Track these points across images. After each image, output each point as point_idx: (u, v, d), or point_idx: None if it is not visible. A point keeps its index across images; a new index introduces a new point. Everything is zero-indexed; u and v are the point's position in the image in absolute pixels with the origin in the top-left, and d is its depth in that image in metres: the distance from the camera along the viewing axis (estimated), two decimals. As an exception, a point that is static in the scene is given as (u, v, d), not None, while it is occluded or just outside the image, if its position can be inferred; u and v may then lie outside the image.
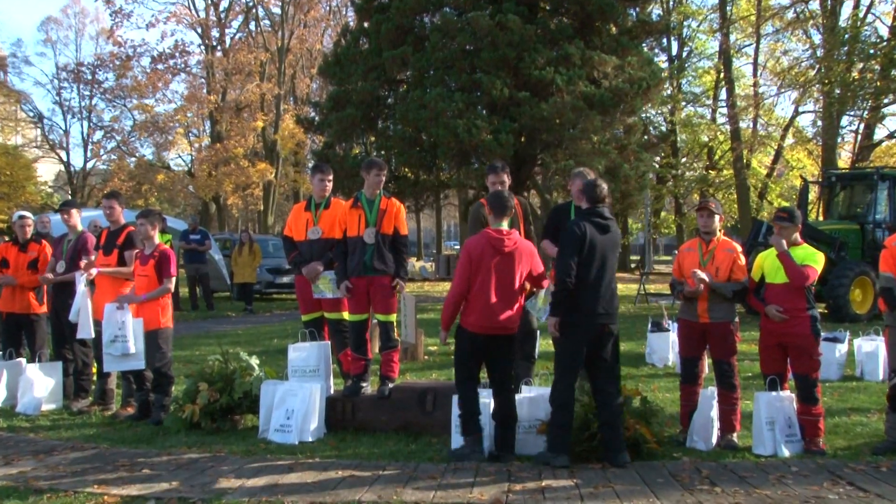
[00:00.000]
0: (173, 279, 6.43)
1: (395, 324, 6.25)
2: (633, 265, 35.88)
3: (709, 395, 5.47)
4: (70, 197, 37.47)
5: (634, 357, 9.39)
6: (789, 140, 30.89)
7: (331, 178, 6.51)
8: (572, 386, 4.91)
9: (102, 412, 6.77)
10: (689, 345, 5.61)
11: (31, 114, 39.55)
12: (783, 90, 24.68)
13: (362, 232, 5.98)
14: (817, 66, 21.11)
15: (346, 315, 6.26)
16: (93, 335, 6.63)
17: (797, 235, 5.49)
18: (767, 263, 5.53)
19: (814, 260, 5.38)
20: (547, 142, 17.85)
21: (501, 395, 5.12)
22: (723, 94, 31.98)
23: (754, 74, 31.03)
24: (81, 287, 6.59)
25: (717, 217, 5.56)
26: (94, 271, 6.67)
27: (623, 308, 16.22)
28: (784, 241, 5.40)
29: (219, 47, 35.28)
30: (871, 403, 6.74)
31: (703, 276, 5.38)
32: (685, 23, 31.76)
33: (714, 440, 5.41)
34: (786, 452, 5.17)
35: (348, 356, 6.24)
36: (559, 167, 16.01)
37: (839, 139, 26.01)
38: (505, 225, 5.14)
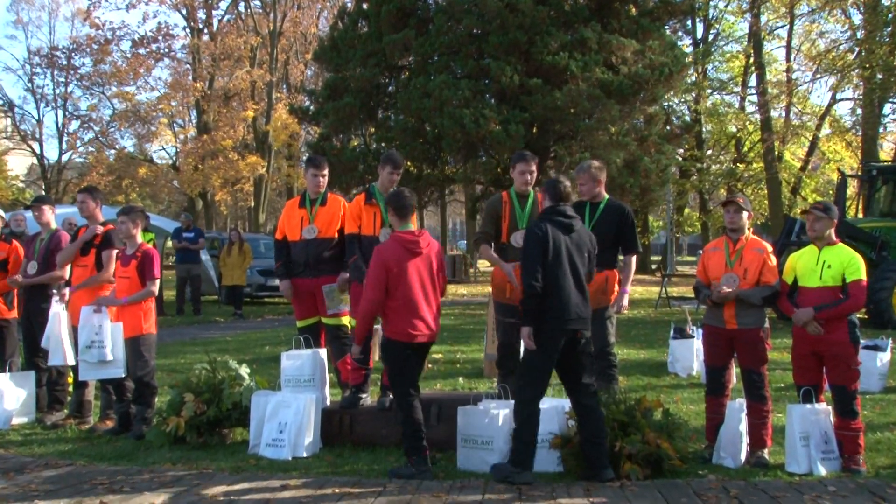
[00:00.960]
0: (157, 282, 6.45)
1: None
2: (653, 266, 35.78)
3: (737, 408, 5.46)
4: (44, 192, 37.65)
5: (656, 366, 9.38)
6: (825, 130, 30.84)
7: (325, 172, 6.48)
8: (538, 398, 4.95)
9: (79, 426, 6.78)
10: (716, 353, 5.61)
11: (1, 102, 39.75)
12: (819, 76, 24.67)
13: (377, 231, 6.02)
14: (857, 48, 21.08)
15: (346, 320, 6.27)
16: (69, 361, 6.65)
17: (832, 233, 5.47)
18: (801, 264, 5.51)
19: (856, 271, 5.28)
20: (560, 133, 17.88)
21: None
22: (752, 81, 31.94)
23: (787, 59, 31.00)
24: (55, 310, 6.59)
25: (745, 213, 5.55)
26: (66, 292, 6.71)
27: (643, 313, 16.20)
28: (810, 312, 5.26)
29: (205, 30, 35.40)
30: (914, 417, 6.72)
31: (727, 290, 5.37)
32: (711, 3, 31.71)
33: (743, 457, 5.40)
34: (822, 471, 5.15)
35: (347, 364, 6.25)
36: (574, 160, 16.02)
37: (881, 129, 25.97)
38: (412, 226, 5.28)
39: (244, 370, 6.32)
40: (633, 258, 6.00)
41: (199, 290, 16.63)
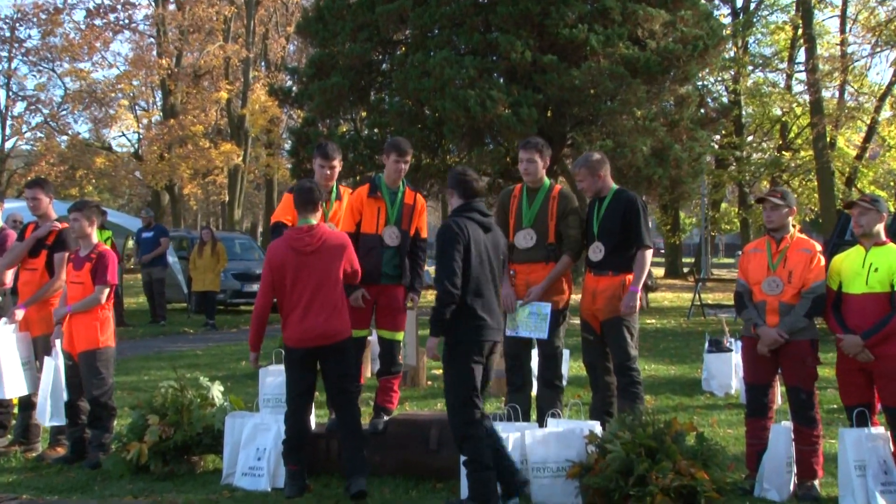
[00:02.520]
0: (109, 288, 6.42)
1: (402, 344, 6.28)
2: (685, 270, 35.78)
3: (782, 432, 5.47)
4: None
5: (688, 383, 9.39)
6: (886, 113, 30.77)
7: (335, 163, 6.29)
8: (473, 416, 4.98)
9: (25, 454, 6.79)
10: (757, 369, 5.62)
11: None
12: (879, 49, 24.63)
13: (381, 229, 6.04)
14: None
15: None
16: (28, 390, 6.66)
17: (881, 230, 5.46)
18: (846, 266, 5.49)
19: None
20: (579, 117, 17.87)
21: (340, 412, 5.45)
22: (801, 56, 31.93)
23: (842, 30, 30.95)
24: (3, 335, 6.58)
25: (784, 209, 5.55)
26: (18, 314, 6.72)
27: (674, 323, 16.21)
28: (857, 342, 5.24)
29: (171, -1, 35.47)
30: None
31: (772, 337, 5.38)
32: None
33: (790, 488, 5.41)
34: (881, 504, 5.16)
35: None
36: (594, 149, 15.99)
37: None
38: (313, 220, 5.38)
39: (217, 388, 6.33)
40: (644, 254, 5.99)
41: (162, 296, 16.70)
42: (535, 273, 6.10)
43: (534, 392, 6.49)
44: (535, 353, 6.52)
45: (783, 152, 32.18)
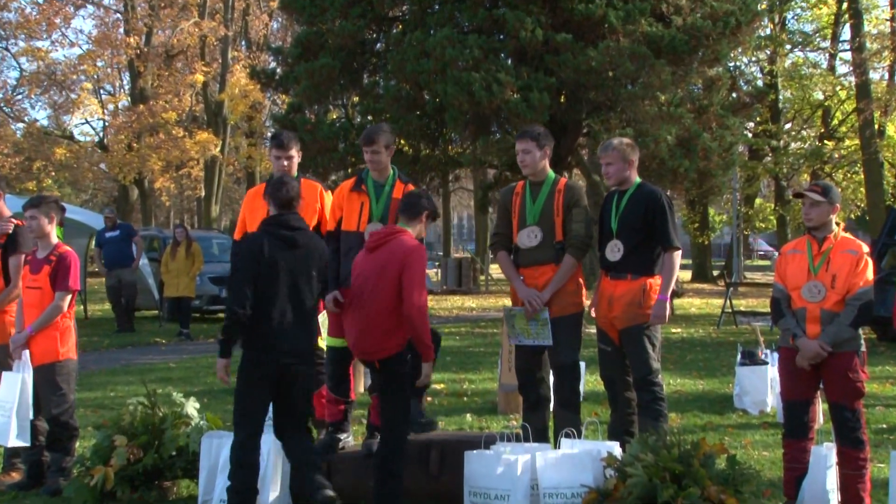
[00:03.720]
0: (71, 294, 6.40)
1: None
2: (715, 273, 35.78)
3: (824, 455, 5.46)
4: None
5: (718, 400, 9.39)
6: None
7: (292, 153, 6.48)
8: (253, 439, 5.25)
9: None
10: (796, 384, 5.61)
11: None
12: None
13: (363, 226, 6.05)
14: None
15: (321, 343, 6.30)
16: None
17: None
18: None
19: None
20: (596, 103, 17.87)
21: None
22: (845, 33, 31.93)
23: (892, 4, 30.89)
24: None
25: (825, 206, 5.54)
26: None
27: (702, 332, 16.21)
28: None
29: (141, -30, 35.53)
30: None
31: (813, 349, 5.37)
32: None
33: (832, 517, 5.41)
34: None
35: (322, 398, 6.29)
36: (612, 137, 16.03)
37: None
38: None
39: (192, 406, 6.33)
40: (672, 257, 5.99)
41: (132, 302, 16.72)
42: (543, 276, 6.05)
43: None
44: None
45: (825, 141, 32.19)
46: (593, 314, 6.22)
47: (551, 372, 6.27)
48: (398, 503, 5.36)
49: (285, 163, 6.45)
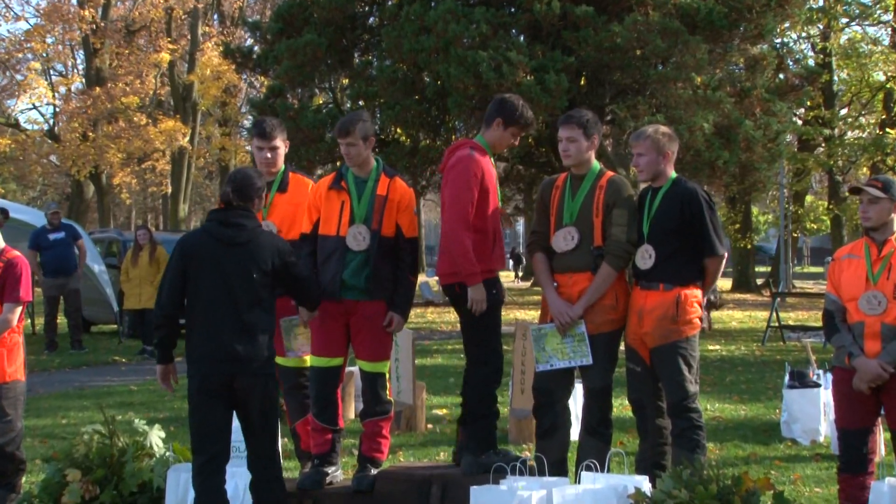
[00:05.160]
0: (21, 306, 6.39)
1: (386, 377, 6.27)
2: (759, 282, 35.74)
3: (886, 492, 5.45)
4: None
5: (763, 428, 9.38)
6: None
7: (277, 143, 6.49)
8: (211, 464, 5.40)
9: None
10: (853, 410, 5.61)
11: None
12: None
13: (344, 230, 6.04)
14: None
15: (308, 361, 6.30)
16: None
17: None
18: None
19: None
20: (621, 85, 17.89)
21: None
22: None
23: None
24: None
25: (885, 204, 5.53)
26: None
27: (744, 349, 16.20)
28: None
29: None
30: None
31: (873, 370, 5.36)
32: None
33: (895, 563, 5.40)
34: None
35: (308, 426, 6.28)
36: (640, 125, 16.00)
37: None
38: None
39: (156, 434, 6.33)
40: (715, 264, 5.97)
41: (78, 314, 16.54)
42: (577, 286, 5.98)
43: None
44: (578, 388, 6.50)
45: (887, 129, 32.08)
46: None
47: (573, 394, 6.27)
48: None
49: (269, 155, 6.44)
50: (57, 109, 38.20)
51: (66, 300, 16.26)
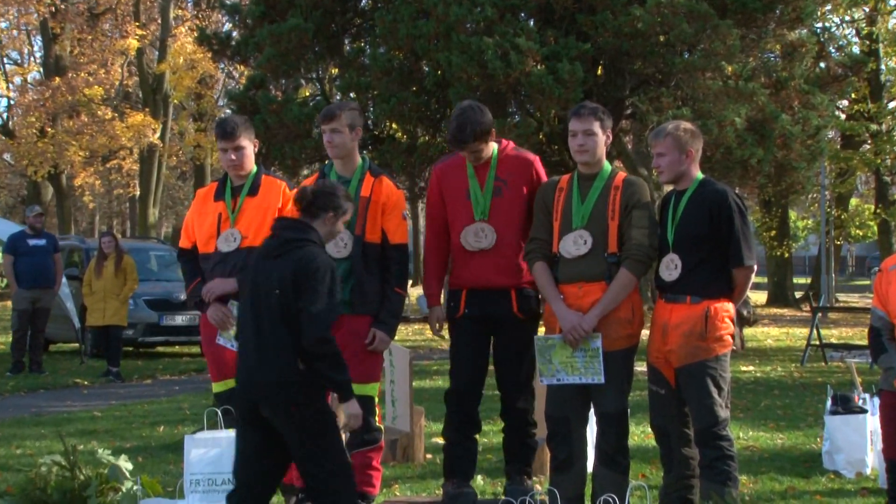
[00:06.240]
0: None
1: (376, 401, 6.26)
2: (797, 295, 35.70)
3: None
4: None
5: (803, 458, 9.36)
6: None
7: (242, 143, 6.51)
8: (242, 492, 5.37)
9: None
10: (904, 438, 5.61)
11: None
12: None
13: None
14: None
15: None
16: None
17: None
18: None
19: None
20: (643, 75, 17.90)
21: None
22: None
23: None
24: None
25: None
26: None
27: (781, 370, 16.19)
28: None
29: None
30: None
31: None
32: None
33: None
34: None
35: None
36: (664, 119, 16.00)
37: None
38: None
39: (124, 465, 6.32)
40: (743, 275, 5.95)
41: (42, 334, 16.48)
42: (588, 297, 5.97)
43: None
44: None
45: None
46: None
47: (590, 421, 6.25)
48: None
49: (233, 156, 6.47)
50: (11, 102, 38.34)
51: (34, 316, 16.13)
